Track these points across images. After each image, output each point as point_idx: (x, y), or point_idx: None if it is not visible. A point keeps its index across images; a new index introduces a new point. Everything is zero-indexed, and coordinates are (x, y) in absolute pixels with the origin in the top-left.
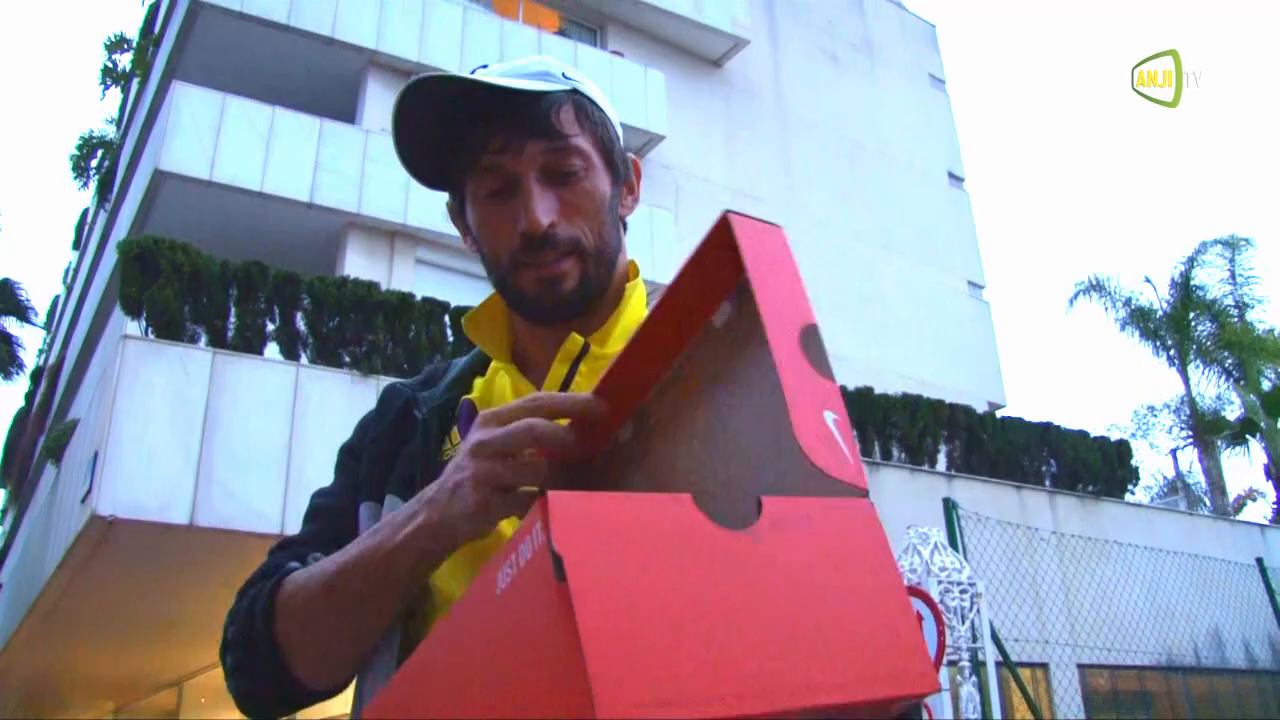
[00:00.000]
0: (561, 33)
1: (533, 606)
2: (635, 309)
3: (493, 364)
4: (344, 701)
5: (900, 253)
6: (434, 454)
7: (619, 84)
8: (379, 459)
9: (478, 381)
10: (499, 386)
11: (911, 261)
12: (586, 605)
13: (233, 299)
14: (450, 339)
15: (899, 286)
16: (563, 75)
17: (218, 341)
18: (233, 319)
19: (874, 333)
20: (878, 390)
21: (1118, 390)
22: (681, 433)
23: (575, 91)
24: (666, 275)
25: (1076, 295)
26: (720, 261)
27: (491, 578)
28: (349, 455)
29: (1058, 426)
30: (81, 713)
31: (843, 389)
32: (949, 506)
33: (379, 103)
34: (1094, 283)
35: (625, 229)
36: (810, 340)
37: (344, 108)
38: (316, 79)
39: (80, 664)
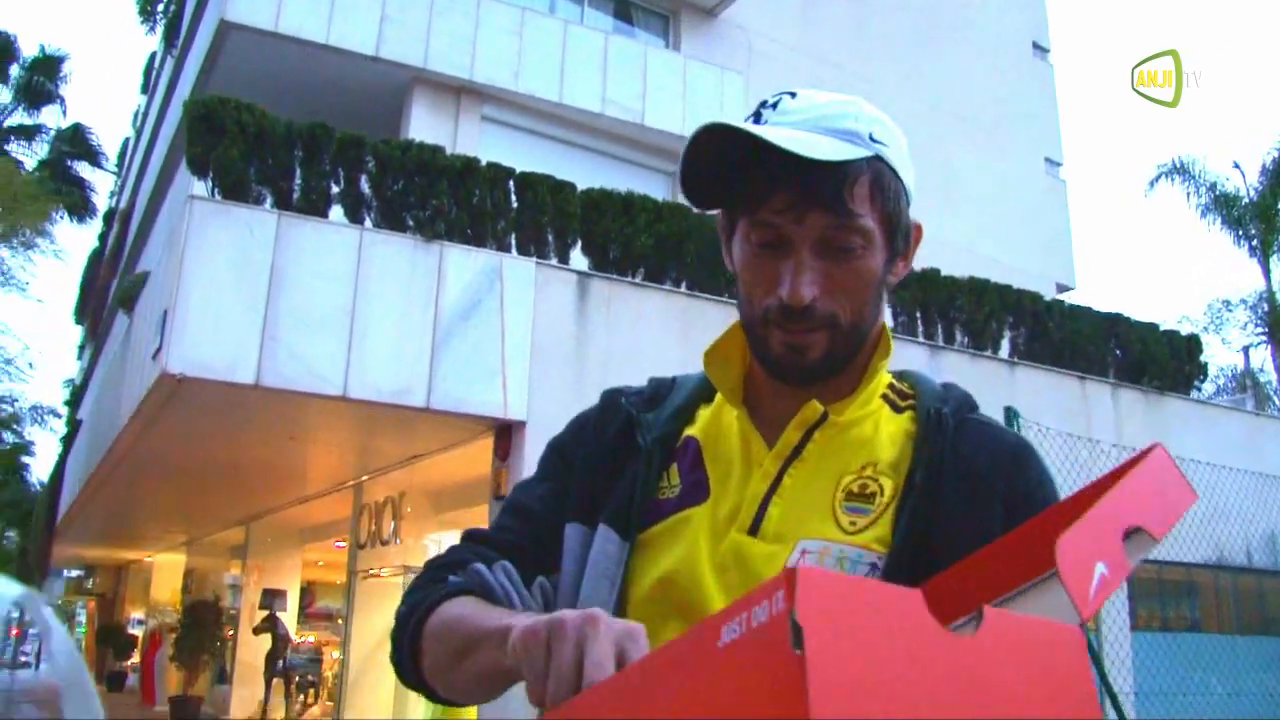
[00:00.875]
0: None
1: (760, 667)
2: (880, 383)
3: (720, 395)
4: None
5: (976, 126)
6: (652, 488)
7: None
8: (596, 475)
9: (703, 412)
10: (726, 424)
11: (988, 135)
12: (819, 679)
13: (298, 160)
14: (515, 205)
15: (973, 161)
16: (870, 137)
17: (283, 203)
18: (298, 180)
19: (943, 207)
20: (945, 269)
21: (1192, 282)
22: None
23: (877, 158)
24: None
25: (1158, 178)
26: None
27: (715, 628)
28: (559, 457)
29: (1126, 318)
30: (156, 543)
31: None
32: (1010, 415)
33: None
34: (1178, 165)
35: (889, 292)
36: (1138, 539)
37: None
38: None
39: (153, 502)
